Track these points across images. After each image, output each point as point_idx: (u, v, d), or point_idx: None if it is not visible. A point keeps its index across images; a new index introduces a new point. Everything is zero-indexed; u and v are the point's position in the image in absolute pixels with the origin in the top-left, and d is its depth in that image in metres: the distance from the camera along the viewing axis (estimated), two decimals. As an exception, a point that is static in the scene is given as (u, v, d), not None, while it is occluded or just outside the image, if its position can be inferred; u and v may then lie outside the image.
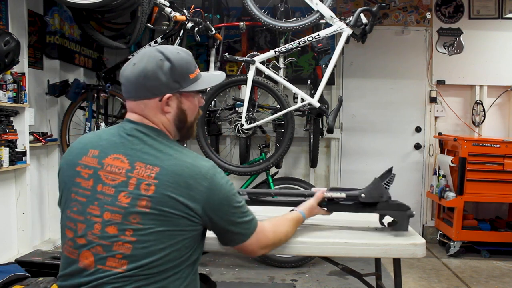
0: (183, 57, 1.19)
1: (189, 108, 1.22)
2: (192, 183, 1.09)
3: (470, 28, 4.38)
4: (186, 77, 1.18)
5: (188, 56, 1.21)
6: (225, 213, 1.15)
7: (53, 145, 3.54)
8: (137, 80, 1.14)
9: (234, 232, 1.19)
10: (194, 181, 1.09)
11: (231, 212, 1.16)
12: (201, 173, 1.11)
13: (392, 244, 1.46)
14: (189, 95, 1.21)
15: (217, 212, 1.13)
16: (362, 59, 4.44)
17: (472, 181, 3.69)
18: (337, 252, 1.47)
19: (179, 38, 3.28)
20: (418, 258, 2.61)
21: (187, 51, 1.23)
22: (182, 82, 1.17)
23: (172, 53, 1.17)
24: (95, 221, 1.07)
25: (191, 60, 1.21)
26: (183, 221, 1.09)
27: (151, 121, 1.17)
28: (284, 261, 3.42)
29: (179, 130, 1.22)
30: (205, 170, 1.12)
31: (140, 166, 1.08)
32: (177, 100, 1.19)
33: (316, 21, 3.12)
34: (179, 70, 1.16)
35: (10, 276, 2.09)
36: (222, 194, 1.14)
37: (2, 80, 2.82)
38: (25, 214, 3.05)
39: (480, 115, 4.35)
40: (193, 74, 1.20)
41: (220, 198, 1.13)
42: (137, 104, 1.17)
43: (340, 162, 4.50)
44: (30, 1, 3.19)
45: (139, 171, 1.08)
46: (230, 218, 1.16)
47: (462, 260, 3.69)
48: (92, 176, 1.10)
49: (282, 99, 3.17)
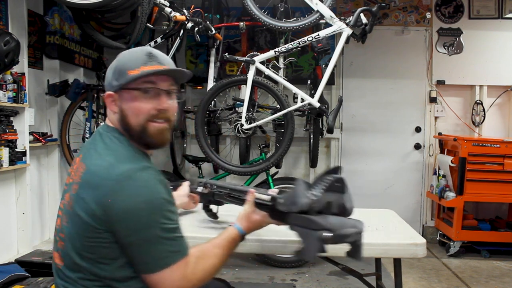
0: (133, 55, 1.13)
1: (130, 108, 1.11)
2: (101, 184, 1.00)
3: (470, 28, 4.38)
4: (124, 73, 1.10)
5: (138, 54, 1.12)
6: (132, 226, 0.99)
7: (53, 145, 3.54)
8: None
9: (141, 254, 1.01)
10: (104, 182, 1.00)
11: (141, 228, 0.99)
12: (113, 174, 1.01)
13: (393, 244, 1.47)
14: (130, 94, 1.11)
15: (122, 222, 0.99)
16: (362, 59, 4.44)
17: (472, 181, 3.69)
18: (338, 251, 1.47)
19: (179, 38, 3.28)
20: (418, 258, 2.61)
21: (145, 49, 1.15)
22: (120, 79, 1.11)
23: (124, 52, 1.16)
24: (58, 216, 1.15)
25: (141, 57, 1.11)
26: (88, 226, 1.01)
27: (111, 120, 1.17)
28: (284, 261, 3.41)
29: (128, 133, 1.13)
30: (119, 172, 1.01)
31: (80, 165, 1.10)
32: (120, 98, 1.12)
33: (316, 21, 3.12)
34: (119, 67, 1.12)
35: (10, 276, 2.09)
36: (130, 202, 0.99)
37: (2, 80, 2.82)
38: (25, 214, 3.05)
39: (480, 115, 4.35)
40: (134, 71, 1.09)
41: (126, 206, 0.99)
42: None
43: (340, 162, 4.50)
44: (30, 1, 3.19)
45: (79, 170, 1.10)
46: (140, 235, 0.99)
47: (462, 260, 3.69)
48: (68, 175, 1.17)
49: (282, 99, 3.17)
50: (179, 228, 1.06)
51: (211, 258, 1.12)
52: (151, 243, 1.00)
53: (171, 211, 1.04)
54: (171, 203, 1.06)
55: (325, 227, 1.09)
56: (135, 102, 1.11)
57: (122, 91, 1.11)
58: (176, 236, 1.04)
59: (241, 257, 3.60)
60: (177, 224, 1.05)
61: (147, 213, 0.99)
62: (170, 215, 1.03)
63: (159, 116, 1.12)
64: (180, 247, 1.04)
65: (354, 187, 1.60)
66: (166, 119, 1.14)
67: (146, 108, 1.11)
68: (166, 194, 1.04)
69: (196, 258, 1.08)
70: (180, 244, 1.05)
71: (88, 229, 1.01)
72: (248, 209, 1.27)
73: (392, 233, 1.56)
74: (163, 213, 1.02)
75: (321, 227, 1.09)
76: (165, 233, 1.01)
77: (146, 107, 1.11)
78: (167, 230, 1.02)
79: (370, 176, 4.46)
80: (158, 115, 1.12)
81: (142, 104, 1.11)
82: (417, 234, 1.56)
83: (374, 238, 1.50)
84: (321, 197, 1.15)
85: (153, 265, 1.01)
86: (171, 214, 1.04)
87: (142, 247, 1.00)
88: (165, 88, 1.13)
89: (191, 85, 4.31)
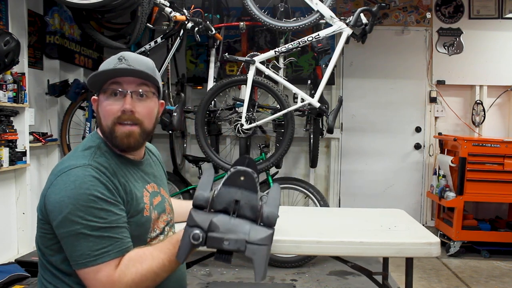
0: (108, 59, 1.17)
1: (101, 111, 1.13)
2: (48, 179, 1.09)
3: (470, 28, 4.38)
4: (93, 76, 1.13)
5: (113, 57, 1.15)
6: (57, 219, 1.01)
7: (53, 145, 3.54)
8: None
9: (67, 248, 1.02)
10: (49, 177, 1.09)
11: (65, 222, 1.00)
12: (56, 169, 1.08)
13: (407, 243, 1.47)
14: (102, 96, 1.14)
15: (51, 215, 1.03)
16: (362, 59, 4.44)
17: (472, 181, 3.69)
18: (351, 251, 1.47)
19: (179, 38, 3.28)
20: (418, 258, 2.61)
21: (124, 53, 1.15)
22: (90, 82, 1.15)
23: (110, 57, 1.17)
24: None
25: (113, 60, 1.13)
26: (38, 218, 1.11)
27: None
28: (284, 261, 3.41)
29: (103, 134, 1.15)
30: (60, 167, 1.07)
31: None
32: (98, 102, 1.16)
33: (316, 21, 3.12)
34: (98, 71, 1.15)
35: (10, 276, 2.09)
36: (58, 196, 1.01)
37: (2, 80, 2.82)
38: (25, 214, 3.05)
39: (480, 115, 4.35)
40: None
41: (55, 199, 1.02)
42: None
43: (340, 162, 4.50)
44: (30, 1, 3.19)
45: None
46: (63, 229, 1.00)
47: (462, 260, 3.69)
48: None
49: (282, 99, 3.17)
50: (115, 228, 1.02)
51: (148, 262, 1.03)
52: (74, 239, 1.00)
53: (102, 209, 1.01)
54: (105, 201, 1.02)
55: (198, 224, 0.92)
56: (104, 104, 1.12)
57: (99, 94, 1.14)
58: (106, 236, 1.01)
59: (241, 257, 3.60)
60: (110, 224, 1.02)
61: (70, 208, 0.99)
62: (99, 213, 1.01)
63: (124, 118, 1.11)
64: (110, 248, 1.01)
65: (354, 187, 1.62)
66: (134, 122, 1.12)
67: (113, 110, 1.10)
68: (97, 192, 1.02)
69: (129, 260, 1.03)
70: (111, 244, 1.01)
71: (38, 221, 1.11)
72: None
73: (405, 233, 1.56)
74: (90, 210, 1.00)
75: (194, 224, 0.93)
76: (90, 231, 0.99)
77: (113, 109, 1.10)
78: (93, 228, 1.00)
79: (370, 176, 4.46)
80: (122, 116, 1.10)
81: (109, 106, 1.11)
82: (431, 233, 1.56)
83: (389, 237, 1.51)
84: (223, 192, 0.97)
85: (78, 261, 1.00)
86: (101, 212, 1.01)
87: (67, 241, 1.01)
88: (131, 89, 1.11)
89: (191, 85, 4.32)
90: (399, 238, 1.50)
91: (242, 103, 3.23)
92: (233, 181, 0.97)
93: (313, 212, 2.15)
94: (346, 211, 1.63)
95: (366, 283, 2.91)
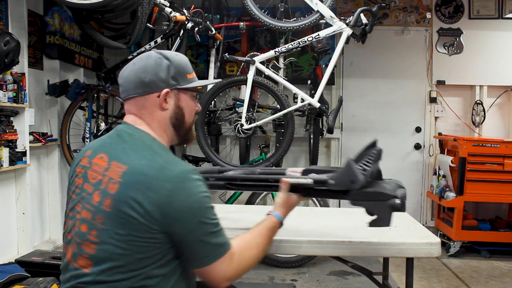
0: (181, 58, 1.23)
1: (187, 107, 1.22)
2: (154, 185, 1.02)
3: (470, 28, 4.38)
4: (184, 75, 1.21)
5: (185, 59, 1.25)
6: (189, 225, 1.03)
7: (53, 145, 3.54)
8: (137, 76, 1.16)
9: (197, 250, 1.06)
10: (157, 182, 1.02)
11: (197, 226, 1.04)
12: (168, 175, 1.03)
13: (408, 243, 1.47)
14: (186, 94, 1.22)
15: (179, 222, 1.03)
16: (362, 59, 4.44)
17: (472, 181, 3.69)
18: (352, 251, 1.47)
19: (179, 38, 3.28)
20: (418, 258, 2.61)
21: (184, 56, 1.27)
22: (180, 79, 1.19)
23: (171, 54, 1.22)
24: (76, 218, 1.09)
25: (187, 62, 1.24)
26: (142, 226, 1.01)
27: (146, 121, 1.17)
28: (284, 261, 3.41)
29: (176, 130, 1.21)
30: (174, 173, 1.04)
31: (114, 164, 1.07)
32: (175, 97, 1.19)
33: (316, 21, 3.12)
34: (177, 68, 1.19)
35: (10, 276, 2.09)
36: (187, 202, 1.03)
37: (2, 80, 2.82)
38: (25, 214, 3.05)
39: (480, 115, 4.35)
40: (191, 75, 1.23)
41: (184, 206, 1.03)
42: (135, 103, 1.17)
43: (340, 162, 4.50)
44: (30, 1, 3.19)
45: (112, 169, 1.07)
46: (195, 233, 1.04)
47: (462, 260, 3.69)
48: (83, 175, 1.13)
49: (282, 99, 3.17)
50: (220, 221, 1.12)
51: (254, 249, 1.18)
52: (204, 239, 1.05)
53: (212, 206, 1.09)
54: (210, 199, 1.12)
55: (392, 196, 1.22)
56: (191, 102, 1.24)
57: (179, 90, 1.20)
58: (221, 229, 1.10)
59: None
60: (218, 218, 1.11)
61: (202, 210, 1.05)
62: (214, 211, 1.09)
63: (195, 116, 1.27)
64: (225, 239, 1.10)
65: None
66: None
67: (194, 108, 1.26)
68: (208, 192, 1.10)
69: (240, 248, 1.14)
70: (225, 236, 1.10)
71: (141, 229, 1.01)
72: (284, 196, 1.32)
73: (406, 233, 1.56)
74: (211, 210, 1.08)
75: (390, 197, 1.21)
76: (214, 228, 1.07)
77: (194, 107, 1.26)
78: (215, 225, 1.08)
79: (370, 176, 4.46)
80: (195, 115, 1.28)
81: (193, 104, 1.25)
82: (431, 234, 1.56)
83: (389, 237, 1.51)
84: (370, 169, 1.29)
85: (206, 259, 1.06)
86: (214, 210, 1.10)
87: (196, 244, 1.05)
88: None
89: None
90: (399, 238, 1.50)
91: (242, 103, 3.23)
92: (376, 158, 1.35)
93: (313, 212, 2.15)
94: (346, 211, 1.63)
95: (366, 283, 2.92)
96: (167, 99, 1.18)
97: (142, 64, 1.17)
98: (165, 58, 1.18)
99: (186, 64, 1.23)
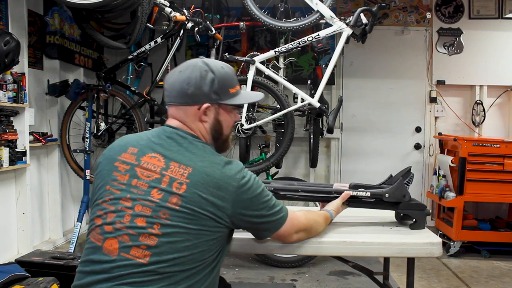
0: (226, 72, 1.26)
1: (225, 120, 1.29)
2: (222, 184, 1.15)
3: (470, 28, 4.39)
4: (226, 90, 1.25)
5: (231, 72, 1.28)
6: (256, 208, 1.20)
7: (53, 145, 3.54)
8: (181, 87, 1.22)
9: (268, 222, 1.25)
10: (224, 181, 1.15)
11: (262, 206, 1.22)
12: (231, 174, 1.17)
13: (409, 243, 1.48)
14: (226, 108, 1.28)
15: (248, 208, 1.19)
16: (362, 59, 4.44)
17: (472, 181, 3.69)
18: (353, 251, 1.48)
19: (179, 38, 3.28)
20: (418, 258, 2.61)
21: (230, 67, 1.30)
22: (222, 94, 1.24)
23: (217, 66, 1.25)
24: (125, 212, 1.14)
25: (233, 76, 1.29)
26: (210, 222, 1.14)
27: (190, 127, 1.25)
28: (284, 261, 3.41)
29: (214, 141, 1.29)
30: (234, 172, 1.18)
31: (174, 165, 1.16)
32: (215, 111, 1.26)
33: (316, 21, 3.12)
34: (220, 83, 1.24)
35: (10, 276, 2.09)
36: (251, 192, 1.19)
37: (2, 80, 2.82)
38: (25, 214, 3.05)
39: (480, 115, 4.35)
40: (233, 89, 1.27)
41: (250, 196, 1.19)
42: (177, 110, 1.25)
43: (340, 162, 4.51)
44: (30, 1, 3.19)
45: (173, 170, 1.15)
46: (262, 212, 1.22)
47: (462, 260, 3.69)
48: (129, 171, 1.18)
49: (282, 99, 3.17)
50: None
51: (315, 217, 1.46)
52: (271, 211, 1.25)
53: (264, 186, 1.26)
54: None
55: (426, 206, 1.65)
56: (231, 115, 1.31)
57: (219, 104, 1.26)
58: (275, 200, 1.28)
59: (241, 257, 3.60)
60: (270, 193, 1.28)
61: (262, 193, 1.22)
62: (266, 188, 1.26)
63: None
64: (282, 205, 1.29)
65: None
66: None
67: (233, 120, 1.34)
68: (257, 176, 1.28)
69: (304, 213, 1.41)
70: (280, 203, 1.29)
71: (210, 224, 1.14)
72: (340, 202, 1.61)
73: (407, 233, 1.57)
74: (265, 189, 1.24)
75: (425, 207, 1.64)
76: (272, 201, 1.25)
77: (233, 120, 1.34)
78: (271, 199, 1.26)
79: (370, 176, 4.44)
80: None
81: (232, 117, 1.32)
82: (432, 233, 1.56)
83: (390, 237, 1.52)
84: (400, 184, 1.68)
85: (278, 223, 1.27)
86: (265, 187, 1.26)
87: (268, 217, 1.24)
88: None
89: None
90: (400, 238, 1.51)
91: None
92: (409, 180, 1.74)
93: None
94: (347, 211, 1.64)
95: (366, 283, 2.92)
96: (207, 112, 1.24)
97: (187, 75, 1.22)
98: (211, 71, 1.22)
99: (230, 78, 1.27)
